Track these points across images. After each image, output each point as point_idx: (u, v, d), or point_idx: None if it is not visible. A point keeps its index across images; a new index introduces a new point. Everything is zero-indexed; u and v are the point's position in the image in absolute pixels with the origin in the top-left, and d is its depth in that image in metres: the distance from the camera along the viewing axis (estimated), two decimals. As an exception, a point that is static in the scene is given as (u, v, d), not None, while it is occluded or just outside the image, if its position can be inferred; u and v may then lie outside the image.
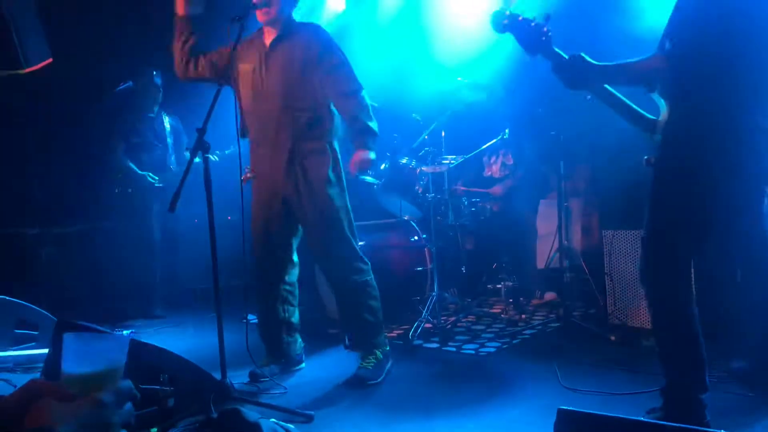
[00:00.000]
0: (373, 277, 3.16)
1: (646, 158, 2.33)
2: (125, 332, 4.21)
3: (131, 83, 4.91)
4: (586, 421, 1.35)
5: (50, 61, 2.84)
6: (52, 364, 2.41)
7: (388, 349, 3.19)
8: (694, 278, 2.27)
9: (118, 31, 5.27)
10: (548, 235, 4.50)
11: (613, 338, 3.48)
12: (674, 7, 2.18)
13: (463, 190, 5.06)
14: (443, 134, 4.45)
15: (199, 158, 2.56)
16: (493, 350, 3.56)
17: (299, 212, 3.09)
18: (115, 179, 4.92)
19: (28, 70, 2.72)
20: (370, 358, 3.09)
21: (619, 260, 3.62)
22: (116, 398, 0.79)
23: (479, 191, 5.08)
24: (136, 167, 4.89)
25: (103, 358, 0.82)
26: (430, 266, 4.26)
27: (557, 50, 2.17)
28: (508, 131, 4.69)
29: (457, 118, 4.53)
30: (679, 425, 1.30)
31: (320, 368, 3.33)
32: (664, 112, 2.26)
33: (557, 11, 2.21)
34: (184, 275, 5.36)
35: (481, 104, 4.74)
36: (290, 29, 3.07)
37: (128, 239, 4.91)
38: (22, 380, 2.96)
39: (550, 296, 4.71)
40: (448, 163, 4.43)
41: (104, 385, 0.80)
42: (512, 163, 5.17)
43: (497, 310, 4.53)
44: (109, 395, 0.79)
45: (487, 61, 4.98)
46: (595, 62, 2.15)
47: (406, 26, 5.55)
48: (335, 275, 3.15)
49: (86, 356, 0.81)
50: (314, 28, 3.15)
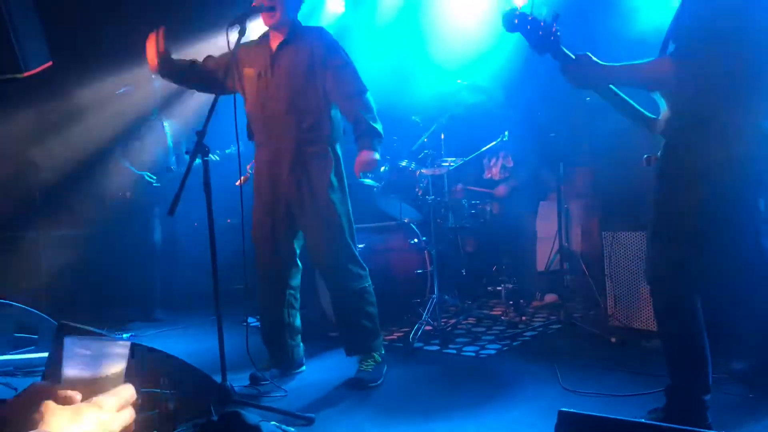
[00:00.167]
0: (371, 283, 3.15)
1: (645, 157, 2.34)
2: (125, 335, 4.22)
3: (132, 87, 4.92)
4: (586, 422, 1.35)
5: (50, 64, 2.83)
6: (52, 367, 2.40)
7: (383, 352, 3.19)
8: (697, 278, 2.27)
9: (118, 34, 5.27)
10: (548, 237, 4.50)
11: (613, 340, 3.48)
12: (678, 8, 2.19)
13: (466, 189, 5.06)
14: (443, 136, 4.45)
15: (198, 160, 2.56)
16: (493, 352, 3.56)
17: (300, 216, 3.09)
18: (114, 181, 4.93)
19: (27, 74, 2.71)
20: (368, 360, 3.10)
21: (619, 262, 3.62)
22: (116, 402, 0.79)
23: (483, 191, 5.09)
24: (133, 168, 4.89)
25: (103, 361, 0.82)
26: (430, 269, 4.26)
27: (565, 50, 2.18)
28: (507, 133, 4.69)
29: (456, 120, 4.53)
30: (680, 427, 1.30)
31: (320, 371, 3.33)
32: (664, 110, 2.26)
33: (553, 11, 2.20)
34: (184, 278, 5.36)
35: (480, 106, 4.74)
36: (296, 33, 3.07)
37: (128, 242, 4.91)
38: (22, 384, 2.98)
39: (550, 298, 4.71)
40: (447, 165, 4.43)
41: (104, 388, 0.80)
42: (512, 165, 5.17)
43: (498, 312, 4.53)
44: (109, 399, 0.79)
45: (486, 63, 4.99)
46: (601, 62, 2.16)
47: (405, 28, 5.56)
48: (333, 281, 3.15)
49: (86, 360, 0.81)
50: (319, 31, 3.16)
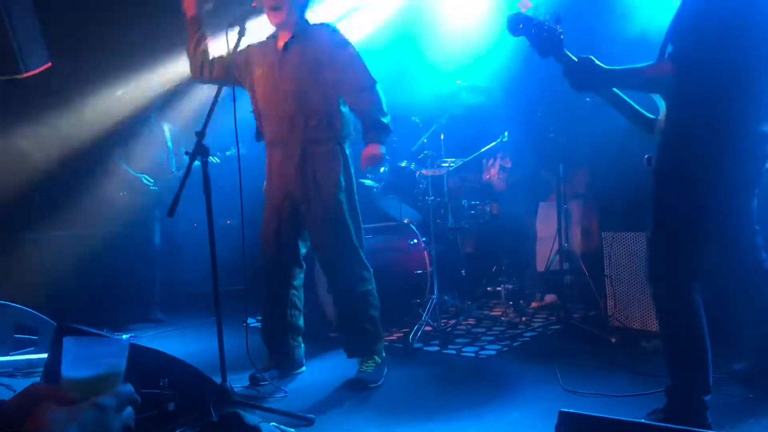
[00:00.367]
0: (375, 286, 3.14)
1: (647, 157, 2.35)
2: (125, 336, 4.21)
3: (131, 89, 4.92)
4: (587, 423, 1.35)
5: (49, 65, 2.83)
6: (51, 368, 2.40)
7: (384, 355, 3.19)
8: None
9: (118, 35, 5.27)
10: (548, 237, 4.50)
11: (613, 340, 3.48)
12: (677, 11, 2.20)
13: (465, 187, 5.06)
14: (442, 137, 4.45)
15: (198, 162, 2.56)
16: (493, 353, 3.56)
17: (307, 215, 3.08)
18: (113, 183, 4.93)
19: (26, 74, 2.71)
20: (369, 362, 3.09)
21: (619, 262, 3.62)
22: (116, 402, 0.79)
23: (482, 185, 5.09)
24: (131, 170, 4.89)
25: (102, 362, 0.82)
26: (429, 269, 4.26)
27: (568, 53, 2.18)
28: (507, 134, 4.69)
29: (456, 121, 4.53)
30: (680, 427, 1.30)
31: (320, 371, 3.33)
32: (663, 111, 2.27)
33: (555, 14, 2.21)
34: (183, 279, 5.36)
35: (480, 107, 4.74)
36: (304, 31, 3.07)
37: (128, 243, 4.91)
38: (22, 385, 2.97)
39: (550, 299, 4.71)
40: (447, 166, 4.43)
41: (104, 389, 0.80)
42: (510, 166, 5.17)
43: (497, 312, 4.53)
44: (109, 399, 0.78)
45: (486, 64, 4.98)
46: (603, 65, 2.16)
47: (404, 29, 5.55)
48: (337, 282, 3.14)
49: (86, 360, 0.81)
50: (327, 27, 3.15)
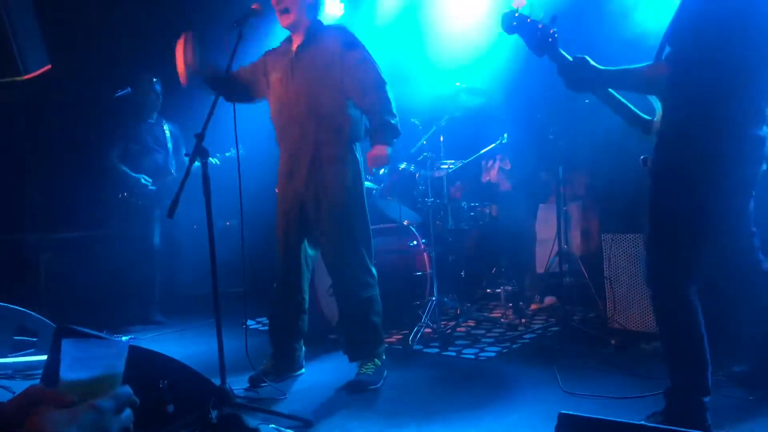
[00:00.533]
0: (378, 292, 3.15)
1: (642, 158, 2.35)
2: (124, 338, 4.21)
3: (129, 89, 4.91)
4: (586, 425, 1.35)
5: (49, 67, 2.84)
6: (50, 370, 2.40)
7: (384, 358, 3.19)
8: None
9: (118, 37, 5.28)
10: (547, 239, 4.50)
11: (613, 342, 3.47)
12: (676, 11, 2.20)
13: (465, 189, 5.06)
14: (442, 139, 4.46)
15: (198, 163, 2.56)
16: (493, 355, 3.56)
17: (315, 218, 3.08)
18: (112, 184, 4.92)
19: (26, 77, 2.71)
20: (369, 364, 3.09)
21: (618, 264, 3.62)
22: (115, 404, 0.79)
23: (484, 183, 5.09)
24: (130, 171, 4.88)
25: (101, 364, 0.82)
26: (429, 271, 4.26)
27: (563, 52, 2.19)
28: (506, 136, 4.70)
29: (455, 122, 4.54)
30: (679, 429, 1.30)
31: (320, 373, 3.33)
32: (659, 112, 2.27)
33: (548, 12, 2.21)
34: (183, 281, 5.36)
35: (479, 109, 4.74)
36: (315, 34, 3.07)
37: (128, 245, 4.90)
38: (21, 387, 2.97)
39: (549, 300, 4.71)
40: (446, 167, 4.43)
41: (103, 391, 0.80)
42: (510, 167, 5.17)
43: (497, 314, 4.53)
44: (107, 401, 0.78)
45: (485, 65, 4.99)
46: (598, 66, 2.16)
47: (404, 30, 5.56)
48: (342, 285, 3.14)
49: (85, 362, 0.81)
50: (338, 29, 3.15)
